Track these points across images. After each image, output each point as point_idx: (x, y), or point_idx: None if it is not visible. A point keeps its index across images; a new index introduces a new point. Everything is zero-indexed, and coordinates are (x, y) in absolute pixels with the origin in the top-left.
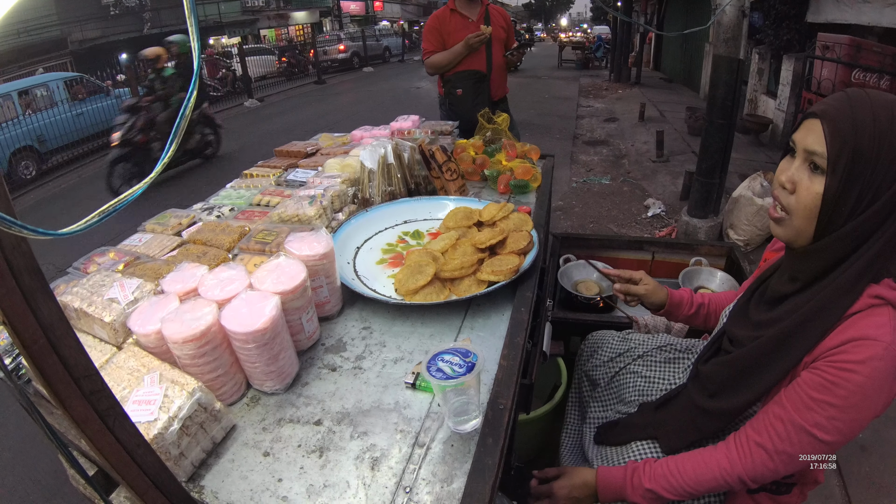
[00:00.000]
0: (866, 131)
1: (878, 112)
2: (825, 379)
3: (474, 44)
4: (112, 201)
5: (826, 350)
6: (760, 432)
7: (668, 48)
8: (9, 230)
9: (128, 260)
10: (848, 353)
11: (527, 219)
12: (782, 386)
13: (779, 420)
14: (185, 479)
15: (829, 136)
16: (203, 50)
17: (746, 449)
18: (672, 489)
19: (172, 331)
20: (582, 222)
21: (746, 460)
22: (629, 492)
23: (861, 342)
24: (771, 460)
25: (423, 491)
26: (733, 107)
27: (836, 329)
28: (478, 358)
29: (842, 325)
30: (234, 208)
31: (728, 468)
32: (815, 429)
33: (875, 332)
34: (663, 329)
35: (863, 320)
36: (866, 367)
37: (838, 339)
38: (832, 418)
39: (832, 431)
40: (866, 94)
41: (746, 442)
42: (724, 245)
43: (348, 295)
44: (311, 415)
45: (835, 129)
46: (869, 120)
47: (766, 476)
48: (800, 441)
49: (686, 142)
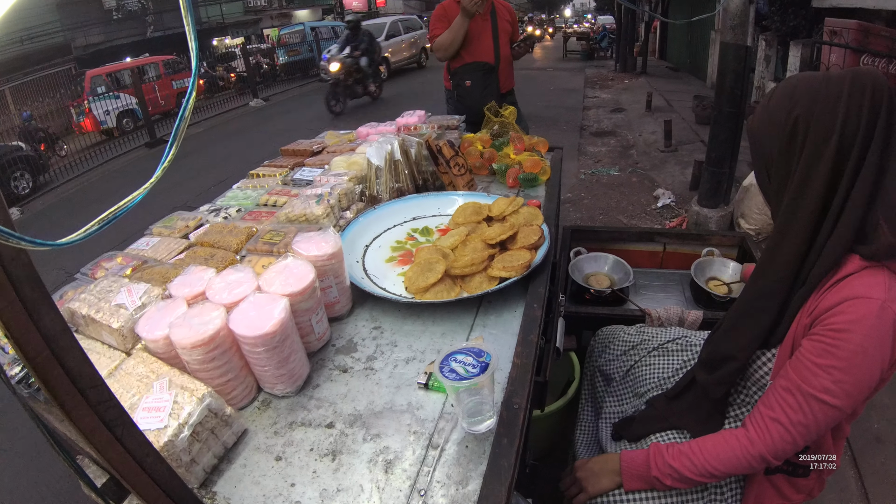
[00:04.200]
0: (757, 113)
1: (772, 92)
2: (825, 343)
3: (470, 5)
4: (111, 209)
5: (822, 312)
6: (773, 407)
7: (673, 37)
8: (7, 242)
9: (135, 264)
10: (843, 313)
11: (537, 213)
12: (785, 358)
13: (788, 392)
14: (197, 485)
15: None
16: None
17: (762, 426)
18: (694, 468)
19: (181, 336)
20: (591, 214)
21: (765, 437)
22: (652, 469)
23: (855, 301)
24: (788, 433)
25: (438, 493)
26: (741, 95)
27: (831, 291)
28: (491, 357)
29: (836, 287)
30: (241, 209)
31: (749, 447)
32: (825, 394)
33: (868, 291)
34: (676, 322)
35: (856, 280)
36: (862, 326)
37: (833, 300)
38: (838, 381)
39: (841, 395)
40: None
41: (762, 419)
42: (735, 235)
43: (358, 294)
44: (322, 417)
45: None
46: (764, 103)
47: (787, 450)
48: (811, 409)
49: (694, 131)
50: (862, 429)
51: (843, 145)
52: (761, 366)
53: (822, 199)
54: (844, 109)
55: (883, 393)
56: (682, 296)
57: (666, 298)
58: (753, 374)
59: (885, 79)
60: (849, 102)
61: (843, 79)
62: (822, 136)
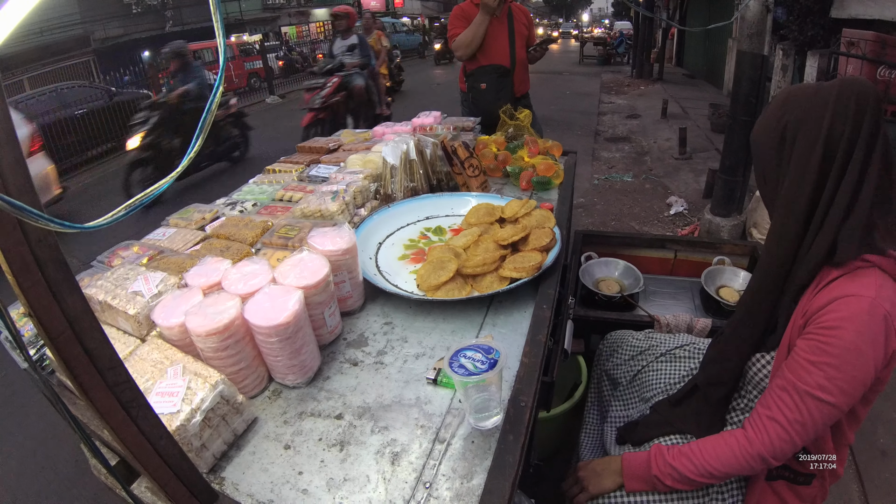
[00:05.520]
0: (758, 121)
1: (770, 103)
2: (818, 341)
3: (491, 5)
4: (138, 195)
5: (814, 311)
6: (770, 406)
7: (690, 44)
8: (36, 223)
9: (151, 254)
10: (834, 311)
11: (549, 215)
12: (782, 361)
13: (783, 391)
14: (207, 470)
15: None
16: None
17: (760, 426)
18: (694, 468)
19: (196, 324)
20: (603, 220)
21: (763, 436)
22: (653, 468)
23: (845, 299)
24: (786, 432)
25: (443, 487)
26: (757, 103)
27: (823, 291)
28: (500, 355)
29: (828, 287)
30: (256, 203)
31: (747, 447)
32: (819, 391)
33: (859, 290)
34: (685, 329)
35: (847, 281)
36: (853, 322)
37: (824, 300)
38: (832, 378)
39: (835, 392)
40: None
41: (759, 419)
42: (747, 244)
43: (370, 290)
44: (332, 409)
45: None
46: (763, 111)
47: (785, 449)
48: (807, 407)
49: (709, 139)
50: (867, 443)
51: (828, 150)
52: (760, 369)
53: (810, 201)
54: (830, 115)
55: (889, 407)
56: (692, 303)
57: (675, 305)
58: (753, 378)
59: (873, 86)
60: (835, 108)
61: (832, 87)
62: (810, 141)
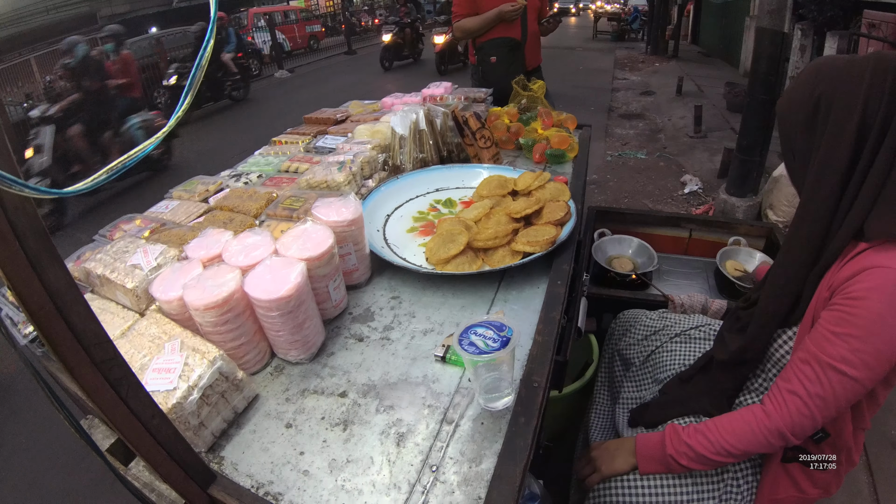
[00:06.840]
0: (784, 93)
1: (800, 75)
2: (843, 311)
3: (508, 14)
4: (119, 158)
5: (840, 283)
6: (790, 380)
7: (707, 21)
8: (9, 189)
9: (154, 227)
10: (861, 281)
11: (564, 189)
12: (805, 335)
13: (805, 363)
14: (205, 449)
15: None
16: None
17: (780, 399)
18: (710, 445)
19: (194, 297)
20: (616, 197)
21: (783, 410)
22: (668, 447)
23: (872, 270)
24: (806, 406)
25: (451, 470)
26: (776, 82)
27: (849, 263)
28: (513, 332)
29: (854, 259)
30: (261, 175)
31: (766, 421)
32: (842, 363)
33: (886, 261)
34: (699, 310)
35: (875, 253)
36: (880, 293)
37: (850, 271)
38: (856, 350)
39: (859, 365)
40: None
41: (779, 393)
42: (764, 225)
43: (377, 263)
44: (336, 386)
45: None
46: (791, 83)
47: (805, 426)
48: (829, 380)
49: (724, 118)
50: (878, 434)
51: (863, 125)
52: (781, 345)
53: (843, 177)
54: (867, 89)
55: None
56: (706, 283)
57: (689, 286)
58: (773, 355)
59: None
60: (871, 82)
61: (867, 61)
62: (844, 115)
